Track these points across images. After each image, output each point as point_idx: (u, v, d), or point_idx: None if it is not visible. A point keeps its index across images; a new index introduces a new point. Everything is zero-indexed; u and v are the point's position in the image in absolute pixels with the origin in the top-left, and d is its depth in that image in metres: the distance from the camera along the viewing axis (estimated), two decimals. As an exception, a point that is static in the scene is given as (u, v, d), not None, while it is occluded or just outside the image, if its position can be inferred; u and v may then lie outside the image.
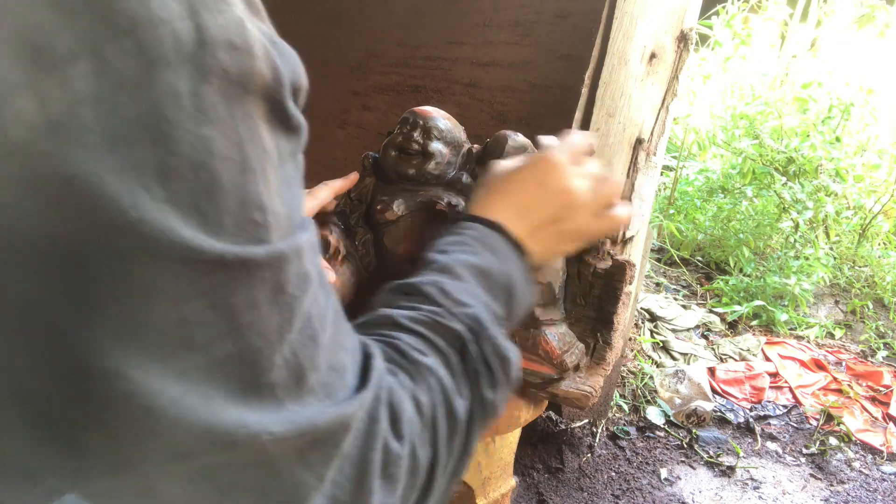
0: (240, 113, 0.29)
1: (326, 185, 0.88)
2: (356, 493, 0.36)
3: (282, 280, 0.32)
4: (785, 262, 2.60)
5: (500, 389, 0.49)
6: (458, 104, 1.22)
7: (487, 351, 0.49)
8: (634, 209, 1.13)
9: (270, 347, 0.32)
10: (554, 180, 0.64)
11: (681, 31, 1.10)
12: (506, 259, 0.59)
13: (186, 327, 0.29)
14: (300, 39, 1.51)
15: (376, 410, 0.38)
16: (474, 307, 0.51)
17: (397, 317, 0.48)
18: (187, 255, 0.28)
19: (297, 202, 0.35)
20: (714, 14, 3.52)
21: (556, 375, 0.83)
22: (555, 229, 0.65)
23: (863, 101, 3.01)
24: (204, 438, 0.29)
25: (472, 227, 0.61)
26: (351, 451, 0.36)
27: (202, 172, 0.28)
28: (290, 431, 0.32)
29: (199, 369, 0.29)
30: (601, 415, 1.70)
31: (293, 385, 0.33)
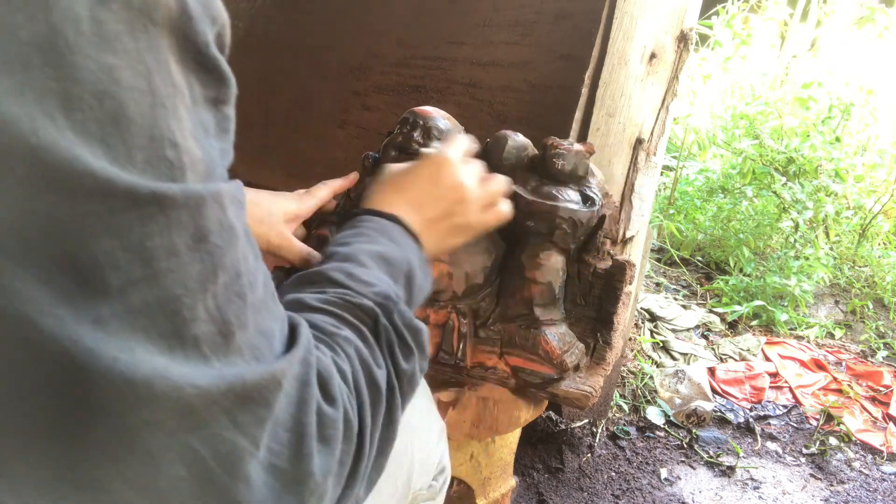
0: (145, 44, 0.28)
1: (326, 185, 0.88)
2: (295, 459, 0.35)
3: (202, 226, 0.31)
4: (785, 262, 2.60)
5: (415, 359, 0.50)
6: (458, 104, 1.22)
7: (398, 323, 0.50)
8: (635, 209, 1.13)
9: (192, 297, 0.30)
10: (446, 177, 0.68)
11: (681, 31, 1.10)
12: (404, 247, 0.61)
13: (98, 269, 0.27)
14: (300, 39, 1.51)
15: (307, 375, 0.37)
16: (381, 286, 0.52)
17: (306, 299, 0.48)
18: (95, 186, 0.26)
19: (216, 152, 0.33)
20: (714, 14, 3.52)
21: (556, 375, 0.83)
22: (447, 223, 0.68)
23: (863, 101, 3.01)
24: (122, 391, 0.28)
25: (370, 220, 0.63)
26: (285, 417, 0.35)
27: (107, 101, 0.27)
28: (217, 386, 0.31)
29: (116, 317, 0.28)
30: (601, 415, 1.70)
31: (220, 342, 0.32)
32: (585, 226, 0.83)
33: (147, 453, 0.29)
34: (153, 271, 0.29)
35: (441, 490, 0.78)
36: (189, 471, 0.30)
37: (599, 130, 1.04)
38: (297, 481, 0.35)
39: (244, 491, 0.32)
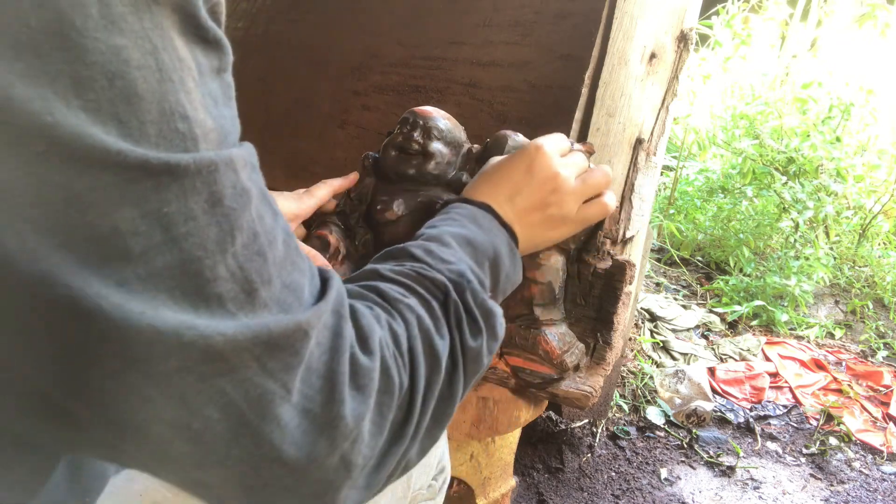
0: (150, 23, 0.29)
1: (326, 185, 0.88)
2: (327, 404, 0.36)
3: (216, 191, 0.32)
4: (785, 262, 2.60)
5: (483, 339, 0.51)
6: (458, 104, 1.22)
7: (470, 301, 0.51)
8: (635, 209, 1.13)
9: (212, 258, 0.32)
10: (541, 167, 0.67)
11: (681, 31, 1.10)
12: (491, 234, 0.61)
13: (120, 237, 0.29)
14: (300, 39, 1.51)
15: (339, 326, 0.38)
16: (459, 265, 0.53)
17: (381, 269, 0.51)
18: (109, 160, 0.28)
19: (227, 121, 0.35)
20: (714, 14, 3.52)
21: (556, 375, 0.83)
22: (542, 214, 0.68)
23: (863, 101, 3.01)
24: (152, 340, 0.29)
25: (460, 207, 0.64)
26: (317, 365, 0.36)
27: (118, 81, 0.28)
28: (244, 334, 0.32)
29: (139, 279, 0.29)
30: (601, 415, 1.69)
31: (244, 299, 0.33)
32: (585, 226, 0.83)
33: (180, 396, 0.31)
34: (172, 236, 0.30)
35: (441, 490, 0.78)
36: (222, 413, 0.32)
37: (599, 130, 1.04)
38: (330, 424, 0.36)
39: (276, 431, 0.34)
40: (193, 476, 0.34)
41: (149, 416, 0.31)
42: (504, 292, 0.63)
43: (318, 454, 0.36)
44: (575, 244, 0.85)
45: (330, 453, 0.36)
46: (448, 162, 0.82)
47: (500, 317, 0.54)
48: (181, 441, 0.32)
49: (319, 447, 0.36)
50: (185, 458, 0.33)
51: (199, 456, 0.33)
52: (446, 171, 0.82)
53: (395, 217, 0.82)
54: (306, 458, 0.35)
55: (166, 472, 0.34)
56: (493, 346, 0.53)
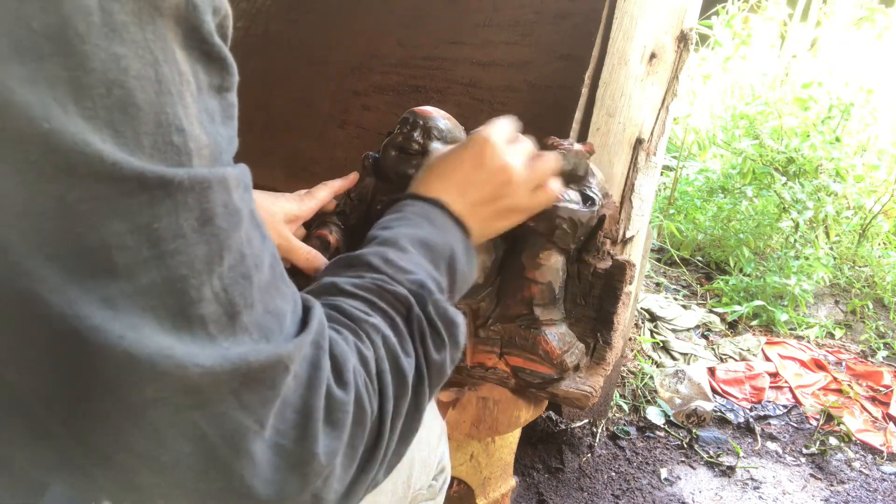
0: (152, 34, 0.29)
1: (326, 186, 0.88)
2: (300, 440, 0.35)
3: (207, 209, 0.32)
4: (785, 262, 2.60)
5: (447, 351, 0.50)
6: (458, 104, 1.22)
7: (432, 313, 0.50)
8: (635, 209, 1.13)
9: (198, 278, 0.31)
10: (490, 159, 0.66)
11: (681, 31, 1.10)
12: (447, 232, 0.61)
13: (106, 251, 0.28)
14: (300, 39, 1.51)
15: (318, 358, 0.38)
16: (418, 273, 0.52)
17: (340, 283, 0.49)
18: (104, 170, 0.27)
19: (223, 139, 0.34)
20: (714, 14, 3.52)
21: (556, 375, 0.83)
22: (493, 207, 0.67)
23: (863, 101, 3.01)
24: (126, 368, 0.29)
25: (413, 204, 0.63)
26: (293, 398, 0.35)
27: (116, 90, 0.28)
28: (221, 366, 0.31)
29: (123, 296, 0.29)
30: (601, 415, 1.69)
31: (226, 322, 0.32)
32: (585, 226, 0.83)
33: (152, 428, 0.30)
34: (160, 252, 0.30)
35: (441, 490, 0.78)
36: (194, 447, 0.31)
37: (599, 130, 1.04)
38: (302, 462, 0.35)
39: (248, 467, 0.33)
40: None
41: (118, 445, 0.30)
42: (460, 291, 0.62)
43: (288, 492, 0.35)
44: (575, 244, 0.85)
45: (301, 491, 0.36)
46: (448, 162, 0.82)
47: (461, 326, 0.53)
48: (149, 472, 0.31)
49: (290, 485, 0.35)
50: (152, 488, 0.32)
51: (166, 487, 0.32)
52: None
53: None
54: (276, 496, 0.34)
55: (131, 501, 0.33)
56: (455, 355, 0.52)
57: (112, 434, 0.30)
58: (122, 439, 0.30)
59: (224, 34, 0.34)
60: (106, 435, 0.30)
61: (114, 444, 0.30)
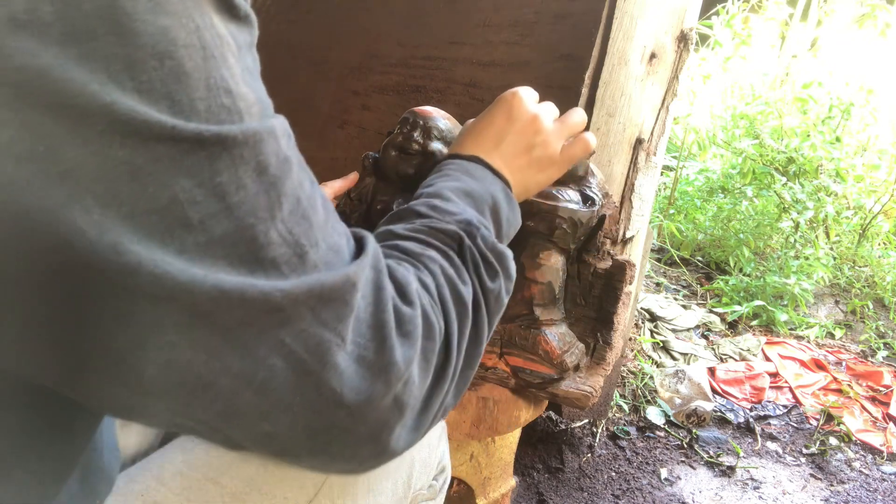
0: (191, 3, 0.31)
1: (326, 186, 0.88)
2: (379, 350, 0.38)
3: (262, 160, 0.34)
4: (785, 262, 2.60)
5: (501, 279, 0.54)
6: (458, 104, 1.22)
7: (482, 246, 0.53)
8: (635, 209, 1.13)
9: (264, 224, 0.33)
10: (520, 111, 0.70)
11: (681, 31, 1.10)
12: (487, 182, 0.64)
13: (179, 206, 0.30)
14: (300, 39, 1.51)
15: (379, 280, 0.41)
16: (464, 214, 0.56)
17: (394, 229, 0.53)
18: (164, 133, 0.29)
19: (263, 93, 0.36)
20: (714, 14, 3.52)
21: (556, 375, 0.83)
22: (529, 157, 0.70)
23: (863, 101, 3.01)
24: (217, 297, 0.31)
25: (452, 162, 0.66)
26: (365, 315, 0.38)
27: (167, 61, 0.30)
28: (300, 288, 0.34)
29: (198, 247, 0.31)
30: (601, 415, 1.70)
31: (297, 262, 0.35)
32: (585, 226, 0.83)
33: (245, 348, 0.33)
34: (227, 204, 0.32)
35: (441, 490, 0.79)
36: (284, 361, 0.34)
37: (599, 130, 1.04)
38: (384, 369, 0.38)
39: (335, 377, 0.36)
40: (260, 428, 0.36)
41: (217, 368, 0.32)
42: (507, 236, 0.66)
43: (375, 396, 0.38)
44: (575, 244, 0.85)
45: (385, 395, 0.38)
46: (448, 162, 0.82)
47: (511, 258, 0.56)
48: (250, 391, 0.34)
49: (376, 389, 0.38)
50: (253, 409, 0.34)
51: (267, 405, 0.34)
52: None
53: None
54: (365, 401, 0.37)
55: (233, 427, 0.35)
56: (509, 286, 0.55)
57: (210, 361, 0.32)
58: (222, 362, 0.32)
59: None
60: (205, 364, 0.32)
61: (214, 369, 0.32)
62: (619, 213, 1.12)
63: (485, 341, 0.50)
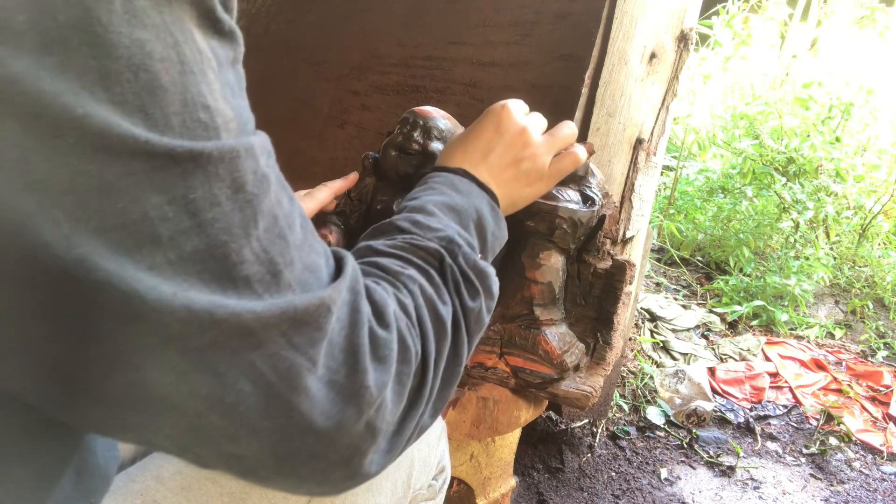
0: (170, 17, 0.31)
1: (326, 186, 0.88)
2: (351, 374, 0.38)
3: (238, 178, 0.33)
4: (785, 262, 2.60)
5: (481, 299, 0.53)
6: (458, 104, 1.22)
7: (463, 264, 0.53)
8: (635, 209, 1.13)
9: (237, 242, 0.33)
10: (508, 124, 0.69)
11: (681, 31, 1.10)
12: (472, 196, 0.63)
13: (150, 223, 0.30)
14: (300, 39, 1.51)
15: (356, 302, 0.40)
16: (447, 230, 0.55)
17: (375, 245, 0.53)
18: (137, 148, 0.29)
19: (243, 110, 0.36)
20: (714, 14, 3.52)
21: (556, 375, 0.83)
22: (517, 170, 0.69)
23: (863, 101, 3.00)
24: (186, 319, 0.30)
25: (437, 175, 0.66)
26: (339, 339, 0.38)
27: (142, 74, 0.29)
28: (271, 311, 0.34)
29: (170, 264, 0.31)
30: (601, 415, 1.69)
31: (270, 280, 0.35)
32: (585, 226, 0.83)
33: (213, 371, 0.32)
34: (199, 221, 0.31)
35: (441, 490, 0.78)
36: (253, 386, 0.33)
37: (599, 130, 1.04)
38: (355, 393, 0.38)
39: (305, 402, 0.35)
40: (227, 449, 0.35)
41: (185, 391, 0.32)
42: (493, 251, 0.65)
43: (345, 422, 0.37)
44: (575, 244, 0.85)
45: (357, 420, 0.38)
46: (448, 162, 0.82)
47: (493, 276, 0.55)
48: (216, 414, 0.33)
49: (347, 415, 0.37)
50: (220, 431, 0.34)
51: (233, 429, 0.34)
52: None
53: (395, 217, 0.82)
54: (335, 426, 0.37)
55: (200, 447, 0.35)
56: (490, 305, 0.55)
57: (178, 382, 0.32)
58: (189, 386, 0.32)
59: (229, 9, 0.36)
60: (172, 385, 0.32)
61: (181, 391, 0.32)
62: (619, 213, 1.12)
63: (464, 361, 0.50)
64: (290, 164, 1.58)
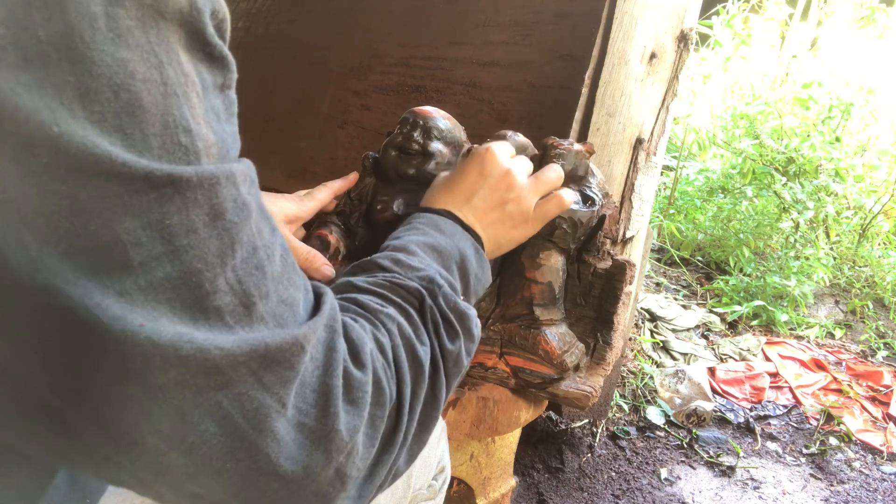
0: (155, 38, 0.30)
1: (326, 187, 0.88)
2: (321, 417, 0.36)
3: (217, 204, 0.32)
4: (785, 262, 2.60)
5: (461, 341, 0.52)
6: (458, 104, 1.22)
7: (443, 305, 0.52)
8: (635, 209, 1.13)
9: (212, 271, 0.32)
10: (493, 166, 0.69)
11: (681, 31, 1.10)
12: (455, 238, 0.63)
13: (121, 247, 0.29)
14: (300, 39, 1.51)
15: (332, 341, 0.39)
16: (427, 270, 0.55)
17: (355, 281, 0.52)
18: (113, 170, 0.28)
19: (228, 136, 0.35)
20: (714, 14, 3.52)
21: (556, 375, 0.83)
22: (502, 212, 0.69)
23: (863, 101, 3.00)
24: (150, 353, 0.29)
25: (422, 216, 0.66)
26: (311, 379, 0.37)
27: (123, 93, 0.28)
28: (241, 348, 0.32)
29: (139, 290, 0.29)
30: (601, 415, 1.70)
31: (242, 312, 0.33)
32: (585, 226, 0.83)
33: (177, 410, 0.31)
34: (174, 247, 0.30)
35: (441, 490, 0.79)
36: (218, 427, 0.32)
37: (599, 130, 1.04)
38: (325, 437, 0.36)
39: (272, 446, 0.34)
40: (188, 489, 0.34)
41: (145, 428, 0.31)
42: (476, 294, 0.65)
43: (313, 468, 0.36)
44: (575, 244, 0.85)
45: (325, 466, 0.36)
46: (448, 162, 0.82)
47: (474, 318, 0.54)
48: (177, 453, 0.32)
49: (315, 461, 0.36)
50: (180, 470, 0.33)
51: (194, 468, 0.33)
52: (446, 171, 0.82)
53: (394, 217, 0.82)
54: (302, 472, 0.35)
55: (160, 484, 0.34)
56: (470, 347, 0.54)
57: (138, 418, 0.31)
58: (149, 423, 0.31)
59: (223, 34, 0.35)
60: (132, 420, 0.31)
61: (140, 428, 0.31)
62: (619, 213, 1.12)
63: (442, 404, 0.48)
64: (290, 164, 1.58)
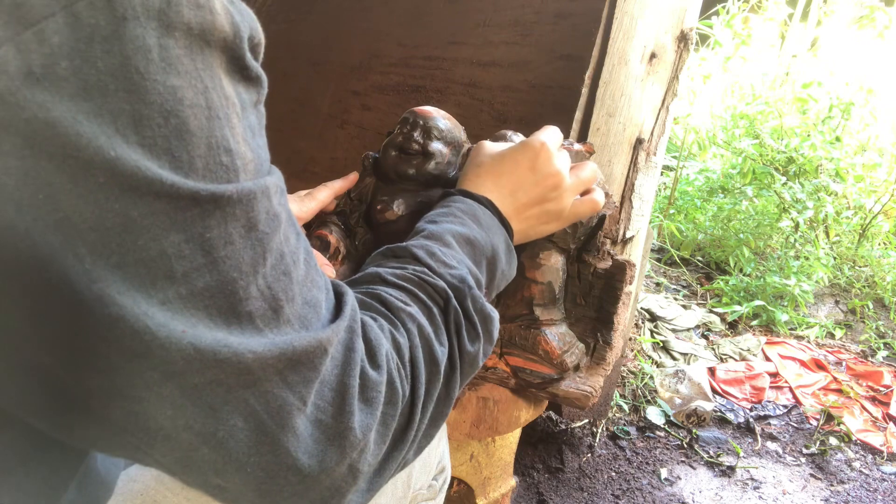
0: (202, 64, 0.32)
1: (326, 187, 0.88)
2: (338, 415, 0.39)
3: (252, 217, 0.35)
4: (785, 261, 2.60)
5: (480, 343, 0.54)
6: (458, 104, 1.22)
7: (470, 307, 0.53)
8: (635, 209, 1.13)
9: (245, 279, 0.34)
10: (544, 164, 0.69)
11: (681, 31, 1.10)
12: (491, 231, 0.64)
13: (167, 259, 0.31)
14: (300, 39, 1.51)
15: (352, 342, 0.41)
16: (459, 269, 0.56)
17: (384, 273, 0.53)
18: (162, 190, 0.31)
19: (262, 150, 0.38)
20: (714, 14, 3.52)
21: (556, 375, 0.83)
22: (540, 209, 0.70)
23: (863, 100, 3.00)
24: (191, 357, 0.32)
25: (462, 201, 0.66)
26: (330, 378, 0.39)
27: (172, 119, 0.31)
28: (271, 352, 0.35)
29: (181, 298, 0.32)
30: (601, 415, 1.70)
31: (271, 316, 0.36)
32: (585, 226, 0.83)
33: (209, 407, 0.34)
34: (213, 259, 0.33)
35: (441, 490, 0.79)
36: (245, 422, 0.35)
37: (599, 130, 1.04)
38: (340, 434, 0.39)
39: (292, 441, 0.37)
40: (213, 481, 0.36)
41: (180, 424, 0.33)
42: (498, 288, 0.66)
43: (328, 463, 0.38)
44: (575, 244, 0.85)
45: (339, 462, 0.39)
46: (448, 162, 0.82)
47: (496, 321, 0.56)
48: (207, 448, 0.34)
49: (330, 456, 0.38)
50: (208, 464, 0.35)
51: (222, 463, 0.35)
52: (446, 171, 0.82)
53: (394, 217, 0.82)
54: (318, 467, 0.38)
55: (188, 475, 0.36)
56: (488, 349, 0.55)
57: (175, 415, 0.33)
58: (184, 419, 0.33)
59: (257, 55, 0.37)
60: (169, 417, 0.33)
61: (176, 424, 0.33)
62: (619, 213, 1.12)
63: (454, 398, 0.50)
64: (290, 164, 1.58)
